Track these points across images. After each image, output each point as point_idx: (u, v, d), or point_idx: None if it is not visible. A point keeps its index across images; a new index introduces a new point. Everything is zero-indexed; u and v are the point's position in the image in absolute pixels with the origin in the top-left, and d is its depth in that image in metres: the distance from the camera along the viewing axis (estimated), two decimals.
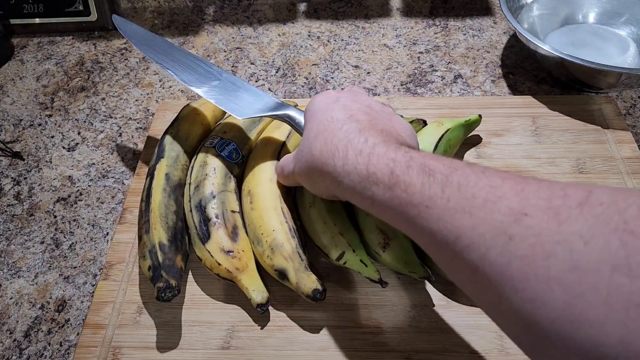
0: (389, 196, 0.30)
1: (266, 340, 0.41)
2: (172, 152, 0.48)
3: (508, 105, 0.57)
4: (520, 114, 0.55)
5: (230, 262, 0.41)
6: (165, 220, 0.43)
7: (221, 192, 0.44)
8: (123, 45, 0.71)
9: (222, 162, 0.46)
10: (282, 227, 0.41)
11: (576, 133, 0.53)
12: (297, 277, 0.40)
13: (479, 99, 0.58)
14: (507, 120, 0.55)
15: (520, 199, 0.24)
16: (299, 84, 0.64)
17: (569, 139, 0.53)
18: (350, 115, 0.36)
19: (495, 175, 0.26)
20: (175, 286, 0.39)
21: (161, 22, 0.75)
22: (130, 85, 0.65)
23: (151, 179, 0.45)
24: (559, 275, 0.21)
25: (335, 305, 0.42)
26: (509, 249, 0.23)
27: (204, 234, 0.42)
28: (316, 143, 0.36)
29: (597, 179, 0.49)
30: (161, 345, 0.41)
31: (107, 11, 0.72)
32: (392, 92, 0.62)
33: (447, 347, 0.39)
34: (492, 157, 0.52)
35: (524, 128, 0.54)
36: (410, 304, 0.42)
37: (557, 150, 0.52)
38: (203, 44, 0.71)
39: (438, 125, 0.49)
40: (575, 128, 0.54)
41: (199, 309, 0.43)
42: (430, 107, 0.57)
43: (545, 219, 0.23)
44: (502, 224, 0.24)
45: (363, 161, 0.32)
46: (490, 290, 0.24)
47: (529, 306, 0.22)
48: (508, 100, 0.58)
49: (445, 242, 0.27)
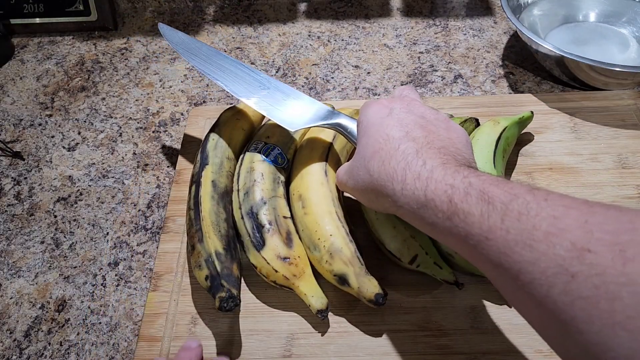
0: (448, 225, 0.29)
1: (328, 347, 0.40)
2: (216, 159, 0.46)
3: (542, 103, 0.56)
4: (556, 111, 0.55)
5: (287, 269, 0.40)
6: (218, 229, 0.42)
7: (271, 198, 0.43)
8: (123, 45, 0.72)
9: (269, 166, 0.45)
10: (339, 231, 0.41)
11: (615, 128, 0.53)
12: (358, 281, 0.39)
13: (513, 97, 0.58)
14: (545, 117, 0.54)
15: (584, 232, 0.23)
16: (299, 84, 0.64)
17: (609, 134, 0.53)
18: (406, 132, 0.35)
19: (558, 203, 0.25)
20: (236, 295, 0.38)
21: (161, 22, 0.75)
22: (131, 85, 0.65)
23: (197, 187, 0.44)
24: (624, 321, 0.20)
25: (393, 309, 0.41)
26: (572, 288, 0.22)
27: (259, 241, 0.41)
28: (373, 163, 0.35)
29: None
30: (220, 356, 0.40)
31: (107, 11, 0.72)
32: (392, 92, 0.61)
33: (512, 348, 0.39)
34: (535, 154, 0.51)
35: (563, 125, 0.54)
36: (469, 305, 0.41)
37: (598, 146, 0.52)
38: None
39: (494, 124, 0.49)
40: (613, 123, 0.53)
41: (255, 317, 0.42)
42: (465, 106, 0.56)
43: (609, 256, 0.21)
44: (564, 261, 0.23)
45: (421, 186, 0.31)
46: (556, 327, 0.23)
47: (593, 349, 0.21)
48: (542, 97, 0.57)
49: (507, 275, 0.26)
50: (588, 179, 0.49)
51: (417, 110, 0.37)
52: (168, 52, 0.70)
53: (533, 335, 0.38)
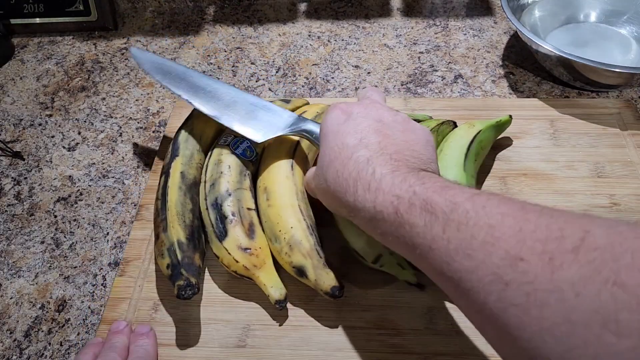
0: (397, 235, 0.30)
1: (282, 339, 0.41)
2: (187, 151, 0.48)
3: (526, 108, 0.56)
4: (538, 116, 0.55)
5: (248, 259, 0.41)
6: (183, 219, 0.43)
7: (237, 190, 0.44)
8: (123, 45, 0.71)
9: (236, 159, 0.46)
10: (300, 224, 0.41)
11: (595, 137, 0.53)
12: (315, 274, 0.40)
13: (495, 101, 0.58)
14: (525, 122, 0.54)
15: (517, 241, 0.24)
16: (300, 83, 0.64)
17: (588, 142, 0.52)
18: (360, 139, 0.35)
19: (495, 211, 0.26)
20: (195, 284, 0.39)
21: (161, 22, 0.75)
22: (131, 85, 0.65)
23: (166, 177, 0.45)
24: (551, 327, 0.21)
25: (352, 306, 0.42)
26: (506, 296, 0.23)
27: (221, 231, 0.42)
28: (329, 173, 0.36)
29: (616, 183, 0.49)
30: (177, 343, 0.41)
31: (107, 11, 0.72)
32: (392, 92, 0.61)
33: (464, 350, 0.39)
34: (511, 159, 0.51)
35: (542, 131, 0.54)
36: (427, 305, 0.42)
37: (576, 153, 0.51)
38: (203, 43, 0.71)
39: (469, 127, 0.49)
40: (594, 132, 0.53)
41: (215, 306, 0.43)
42: (448, 109, 0.56)
43: (539, 265, 0.22)
44: (499, 269, 0.24)
45: (371, 198, 0.32)
46: (493, 333, 0.24)
47: (526, 354, 0.22)
48: (526, 102, 0.57)
49: (450, 283, 0.27)
50: (562, 187, 0.49)
51: (375, 114, 0.37)
52: (168, 52, 0.70)
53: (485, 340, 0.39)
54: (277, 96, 0.62)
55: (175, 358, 0.40)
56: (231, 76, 0.65)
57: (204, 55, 0.69)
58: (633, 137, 0.52)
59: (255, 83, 0.64)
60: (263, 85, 0.64)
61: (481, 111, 0.56)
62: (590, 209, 0.47)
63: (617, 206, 0.47)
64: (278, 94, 0.63)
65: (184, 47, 0.70)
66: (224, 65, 0.67)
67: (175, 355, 0.40)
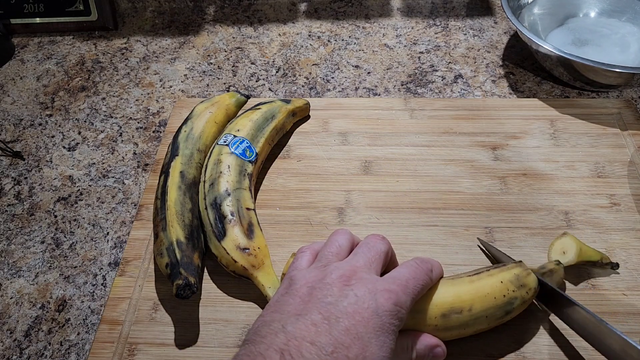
0: None
1: None
2: (186, 150, 0.48)
3: (526, 108, 0.56)
4: (538, 116, 0.55)
5: (246, 259, 0.41)
6: (182, 218, 0.43)
7: (236, 190, 0.45)
8: (123, 45, 0.72)
9: (236, 159, 0.46)
10: None
11: (595, 137, 0.53)
12: None
13: (495, 101, 0.58)
14: (526, 122, 0.54)
15: None
16: (300, 83, 0.64)
17: (588, 142, 0.52)
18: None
19: None
20: (194, 283, 0.39)
21: (161, 22, 0.75)
22: (131, 85, 0.65)
23: (166, 177, 0.46)
24: None
25: None
26: None
27: (220, 231, 0.42)
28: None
29: (616, 184, 0.49)
30: (177, 342, 0.41)
31: (107, 11, 0.72)
32: (392, 92, 0.61)
33: (464, 349, 0.39)
34: (511, 159, 0.51)
35: (543, 131, 0.54)
36: None
37: (576, 154, 0.51)
38: (203, 43, 0.71)
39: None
40: (594, 132, 0.53)
41: (215, 306, 0.43)
42: (448, 109, 0.57)
43: None
44: None
45: None
46: None
47: None
48: (526, 102, 0.57)
49: None
50: (562, 187, 0.49)
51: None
52: (168, 52, 0.70)
53: (485, 340, 0.39)
54: (277, 96, 0.62)
55: (175, 358, 0.40)
56: (231, 76, 0.66)
57: (204, 55, 0.69)
58: (633, 137, 0.52)
59: (255, 83, 0.64)
60: (263, 85, 0.64)
61: (481, 111, 0.56)
62: (590, 209, 0.47)
63: (617, 206, 0.47)
64: (278, 94, 0.63)
65: (184, 47, 0.70)
66: (224, 65, 0.67)
67: (176, 355, 0.40)
